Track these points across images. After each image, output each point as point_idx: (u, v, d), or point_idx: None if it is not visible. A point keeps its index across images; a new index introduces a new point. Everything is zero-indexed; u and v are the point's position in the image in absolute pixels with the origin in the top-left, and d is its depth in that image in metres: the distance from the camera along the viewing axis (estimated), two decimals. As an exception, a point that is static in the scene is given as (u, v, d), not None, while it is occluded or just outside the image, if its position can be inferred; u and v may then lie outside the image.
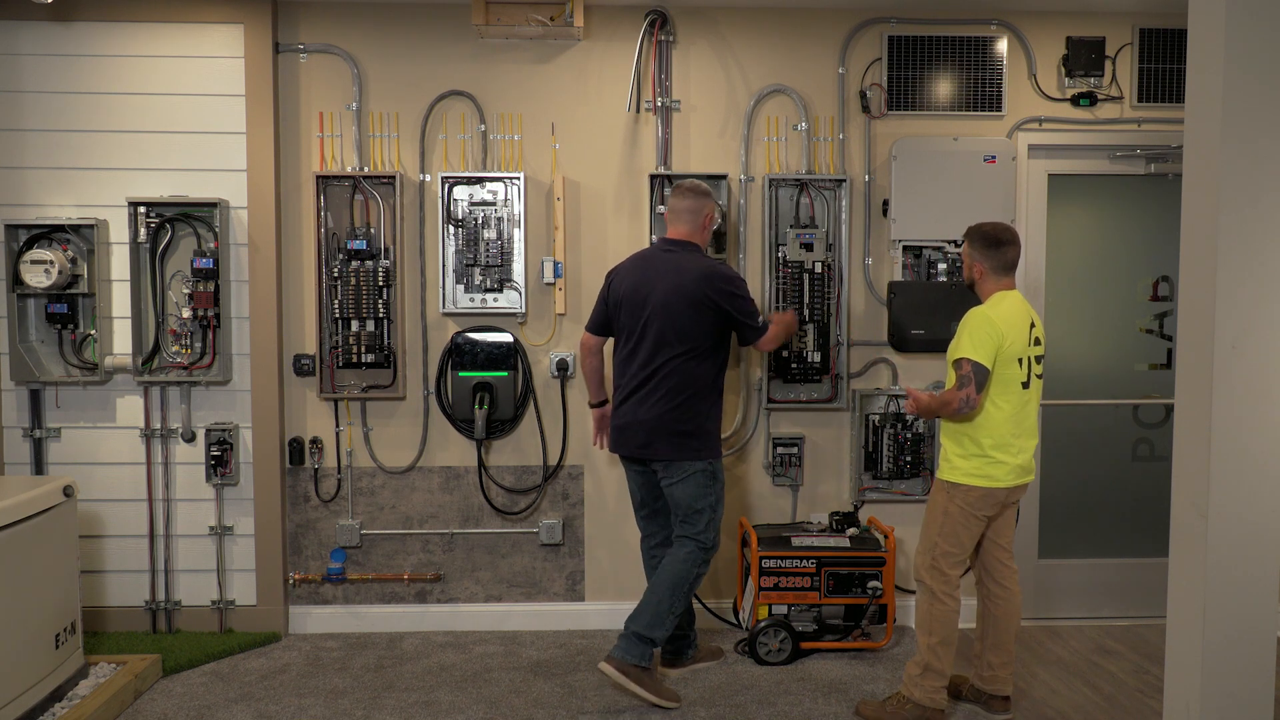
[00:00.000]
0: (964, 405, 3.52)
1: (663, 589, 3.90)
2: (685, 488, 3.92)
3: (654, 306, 3.90)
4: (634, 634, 3.86)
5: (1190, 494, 2.62)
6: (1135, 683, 4.22)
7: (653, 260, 4.02)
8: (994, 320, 3.55)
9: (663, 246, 4.06)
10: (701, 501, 3.94)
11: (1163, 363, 4.98)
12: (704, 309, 3.88)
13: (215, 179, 4.56)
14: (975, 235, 3.73)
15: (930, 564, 3.70)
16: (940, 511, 3.69)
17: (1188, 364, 2.64)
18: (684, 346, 3.88)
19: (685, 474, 3.92)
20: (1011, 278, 3.72)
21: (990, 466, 3.60)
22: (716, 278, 3.92)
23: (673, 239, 4.05)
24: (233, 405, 4.65)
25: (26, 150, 4.52)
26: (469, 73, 4.66)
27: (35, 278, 4.37)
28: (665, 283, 3.90)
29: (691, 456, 3.91)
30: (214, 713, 3.88)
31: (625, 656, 3.84)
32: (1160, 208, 4.94)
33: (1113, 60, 4.78)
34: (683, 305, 3.87)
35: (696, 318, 3.88)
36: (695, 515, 3.94)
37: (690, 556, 3.94)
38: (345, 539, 4.72)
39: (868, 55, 4.74)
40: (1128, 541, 5.03)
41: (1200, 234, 2.57)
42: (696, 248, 4.05)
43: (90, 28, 4.51)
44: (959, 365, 3.55)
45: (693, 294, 3.87)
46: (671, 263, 3.96)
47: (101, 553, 4.66)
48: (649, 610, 3.88)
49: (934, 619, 3.68)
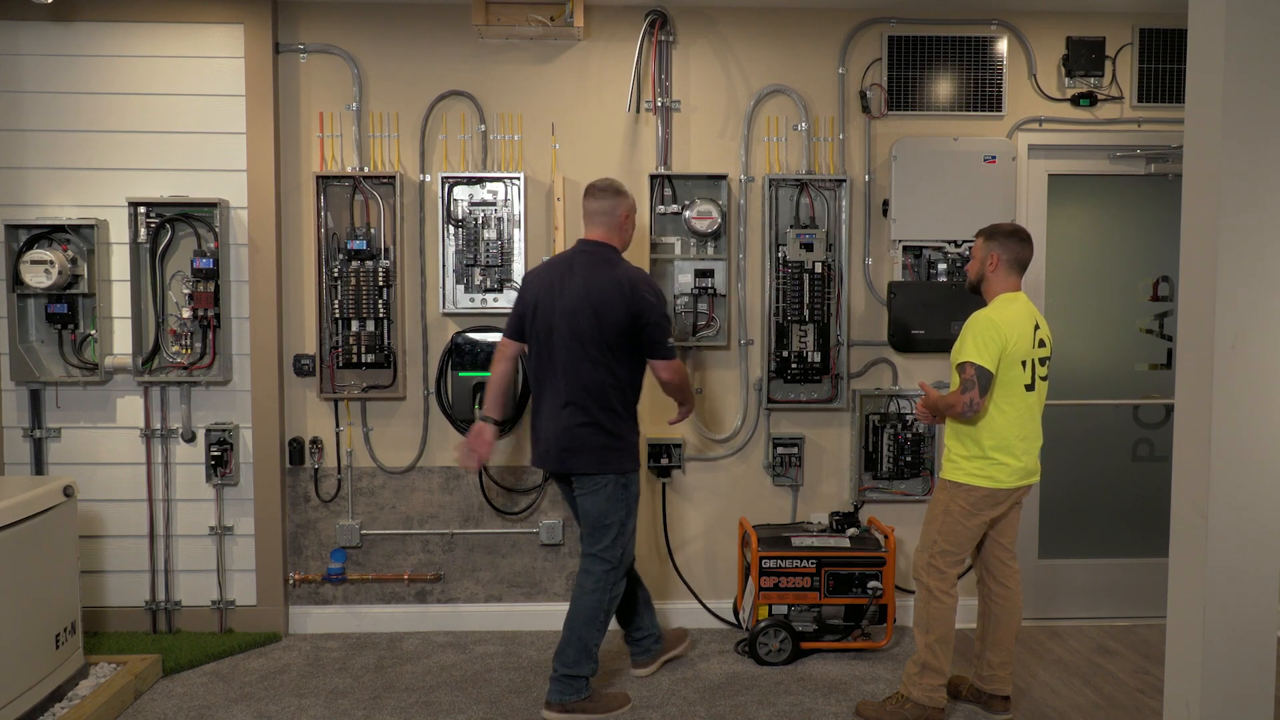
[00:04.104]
0: (968, 409, 3.52)
1: (579, 625, 3.80)
2: (596, 500, 3.79)
3: (566, 310, 3.73)
4: (564, 676, 3.80)
5: (1190, 494, 2.62)
6: (1135, 683, 4.22)
7: (567, 263, 3.84)
8: (997, 323, 3.54)
9: (578, 249, 3.88)
10: (611, 516, 3.80)
11: (1163, 363, 4.98)
12: (615, 311, 3.70)
13: (215, 179, 4.56)
14: (994, 230, 3.73)
15: (928, 562, 3.71)
16: (941, 510, 3.70)
17: (1188, 364, 2.64)
18: (595, 352, 3.71)
19: (597, 486, 3.78)
20: (1020, 279, 3.72)
21: (993, 468, 3.60)
22: (636, 282, 3.76)
23: (589, 240, 3.88)
24: (233, 405, 4.65)
25: (27, 150, 4.52)
26: (469, 73, 4.66)
27: (35, 278, 4.37)
28: (578, 286, 3.74)
29: (606, 469, 3.76)
30: (214, 713, 3.88)
31: (564, 698, 3.81)
32: (1160, 208, 4.94)
33: (1113, 60, 4.78)
34: (596, 308, 3.70)
35: (610, 322, 3.70)
36: (603, 530, 3.80)
37: (599, 584, 3.81)
38: (345, 539, 4.72)
39: (868, 55, 4.74)
40: (1128, 541, 5.03)
41: (1200, 234, 2.57)
42: (614, 250, 3.87)
43: (90, 28, 4.51)
44: (962, 369, 3.55)
45: (606, 297, 3.70)
46: (585, 266, 3.79)
47: (102, 553, 4.66)
48: (572, 648, 3.81)
49: (931, 617, 3.69)
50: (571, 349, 3.73)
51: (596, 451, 3.76)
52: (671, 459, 4.72)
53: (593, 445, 3.75)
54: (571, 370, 3.74)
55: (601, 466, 3.77)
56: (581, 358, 3.72)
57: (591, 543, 3.84)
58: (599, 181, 3.91)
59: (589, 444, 3.75)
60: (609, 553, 3.82)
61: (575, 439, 3.75)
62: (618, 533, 3.83)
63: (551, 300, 3.77)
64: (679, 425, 4.56)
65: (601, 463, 3.76)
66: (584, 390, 3.73)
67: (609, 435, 3.77)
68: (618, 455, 3.79)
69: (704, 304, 4.66)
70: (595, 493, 3.79)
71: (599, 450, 3.76)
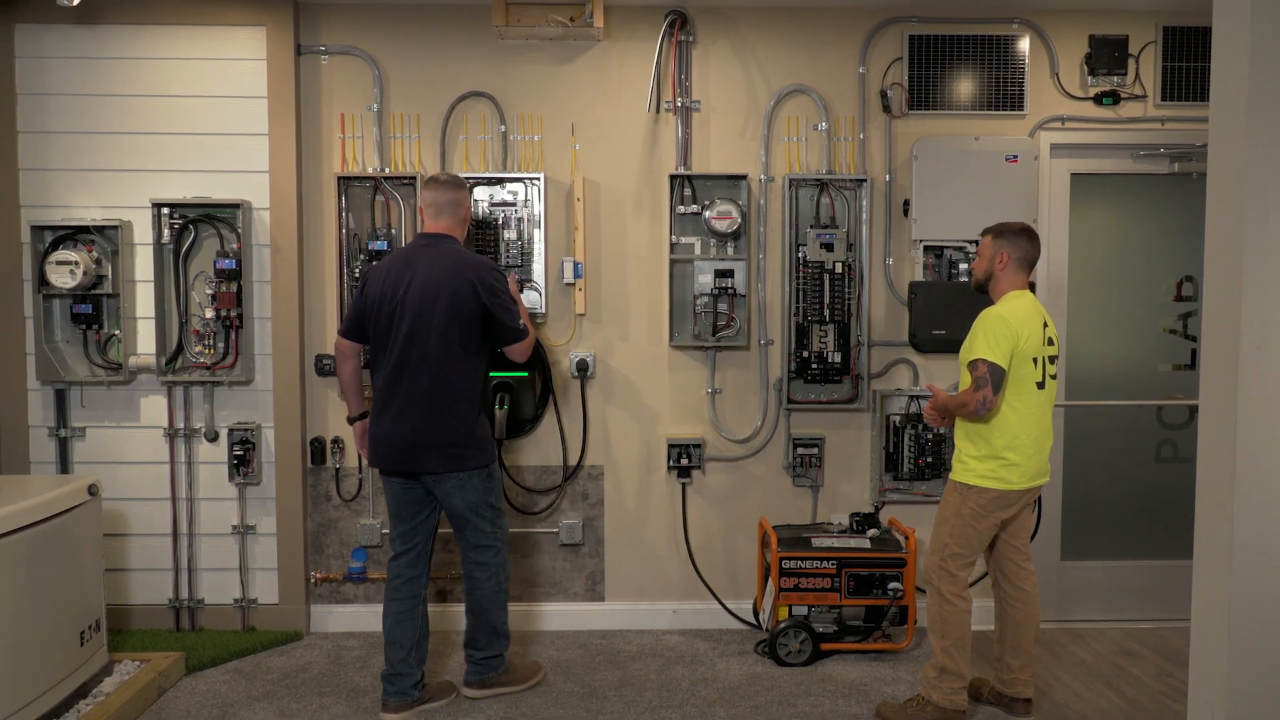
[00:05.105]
0: (980, 407, 3.49)
1: (485, 611, 3.92)
2: (465, 495, 3.77)
3: (410, 304, 3.66)
4: (481, 660, 3.95)
5: (1215, 496, 2.60)
6: (1158, 686, 4.19)
7: (408, 257, 3.77)
8: (1008, 319, 3.52)
9: (420, 242, 3.82)
10: (483, 505, 3.83)
11: (1186, 363, 4.94)
12: (463, 301, 3.66)
13: (238, 180, 4.59)
14: (1003, 229, 3.71)
15: (939, 565, 3.69)
16: (952, 513, 3.68)
17: (1212, 365, 2.61)
18: (442, 347, 3.66)
19: (462, 483, 3.76)
20: (1027, 277, 3.70)
21: (1004, 469, 3.58)
22: (478, 267, 3.74)
23: (431, 233, 3.82)
24: (255, 405, 4.68)
25: (52, 152, 4.57)
26: (489, 74, 4.68)
27: (61, 278, 4.41)
28: (421, 278, 3.68)
29: (469, 465, 3.75)
30: (236, 710, 3.91)
31: (483, 676, 3.97)
32: (1184, 207, 4.90)
33: (1136, 59, 4.75)
34: (440, 299, 3.65)
35: (455, 312, 3.66)
36: (480, 520, 3.83)
37: (495, 571, 3.91)
38: (366, 538, 4.74)
39: (888, 55, 4.72)
40: (1151, 543, 4.99)
41: (1225, 233, 2.55)
42: (457, 241, 3.83)
43: (115, 31, 4.55)
44: (974, 366, 3.53)
45: (451, 286, 3.65)
46: (428, 257, 3.73)
47: (125, 551, 4.70)
48: (482, 634, 3.94)
49: (945, 621, 3.67)
50: (424, 347, 3.67)
51: (455, 451, 3.73)
52: (691, 459, 4.72)
53: (449, 443, 3.71)
54: (425, 368, 3.68)
55: (464, 464, 3.75)
56: (436, 355, 3.67)
57: (471, 535, 3.87)
58: (439, 174, 3.87)
59: (445, 442, 3.71)
60: (492, 537, 3.89)
61: (430, 439, 3.70)
62: (494, 516, 3.88)
63: (396, 295, 3.70)
64: (698, 425, 4.59)
65: (458, 460, 3.74)
66: (440, 388, 3.69)
67: (463, 433, 3.74)
68: (479, 451, 3.79)
69: (724, 304, 4.65)
70: (463, 488, 3.77)
71: (456, 449, 3.73)
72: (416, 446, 3.70)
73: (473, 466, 3.77)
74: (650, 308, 4.74)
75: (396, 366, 3.71)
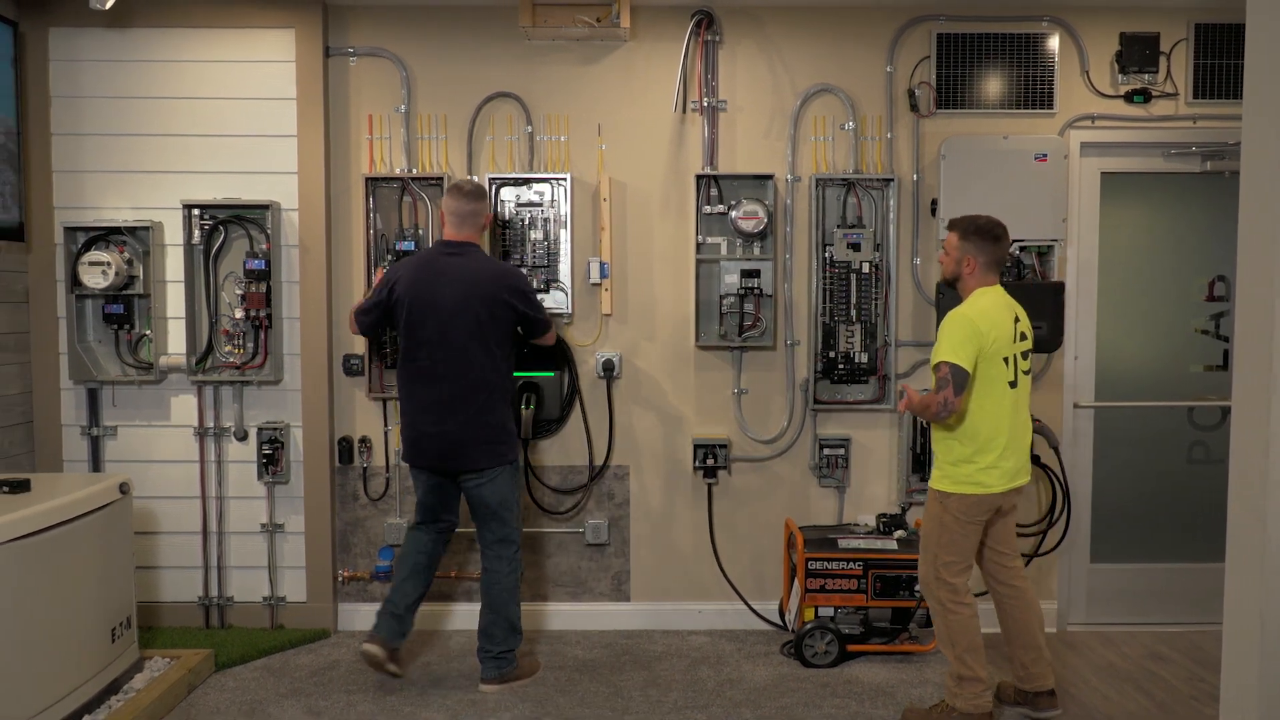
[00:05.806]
0: (942, 409, 3.46)
1: (502, 606, 4.05)
2: (495, 488, 3.99)
3: (445, 310, 3.89)
4: (497, 655, 4.05)
5: (1247, 498, 2.57)
6: (1189, 690, 4.14)
7: (439, 264, 3.97)
8: (973, 319, 3.49)
9: (446, 250, 4.01)
10: (510, 497, 4.04)
11: (1219, 364, 4.88)
12: (500, 308, 3.93)
13: (267, 181, 4.63)
14: (969, 228, 3.64)
15: (935, 576, 3.66)
16: (936, 523, 3.65)
17: (1245, 365, 2.58)
18: (483, 351, 3.91)
19: (495, 477, 3.99)
20: (998, 276, 3.66)
21: (980, 473, 3.55)
22: (509, 274, 4.08)
23: (458, 241, 4.01)
24: (284, 405, 4.72)
25: (85, 154, 4.62)
26: (516, 74, 4.69)
27: (93, 279, 4.46)
28: (458, 287, 3.90)
29: (502, 461, 3.99)
30: (265, 707, 3.94)
31: (500, 671, 4.09)
32: (1216, 206, 4.84)
33: (1167, 56, 4.70)
34: (478, 307, 3.89)
35: (493, 317, 3.92)
36: (506, 512, 4.03)
37: (513, 566, 4.08)
38: (393, 537, 4.77)
39: (916, 53, 4.69)
40: (1182, 546, 4.94)
41: (1258, 232, 2.52)
42: (479, 248, 4.07)
43: (146, 34, 4.59)
44: (937, 369, 3.50)
45: (490, 295, 3.91)
46: (461, 266, 3.95)
47: (156, 549, 4.74)
48: (499, 629, 4.07)
49: (951, 630, 3.64)
50: (462, 349, 3.90)
51: (493, 447, 3.97)
52: (717, 460, 4.71)
53: (488, 440, 3.96)
54: (461, 370, 3.91)
55: (498, 459, 3.98)
56: (473, 357, 3.91)
57: (496, 529, 4.06)
58: (464, 184, 4.04)
59: (484, 439, 3.95)
60: (514, 532, 4.08)
61: (471, 435, 3.93)
62: (517, 510, 4.13)
63: (430, 301, 3.90)
64: (724, 426, 4.61)
65: (497, 456, 3.98)
66: (475, 388, 3.92)
67: (501, 429, 3.99)
68: (508, 447, 4.03)
69: (750, 304, 4.64)
70: (494, 482, 3.99)
71: (494, 445, 3.98)
72: (463, 444, 3.94)
73: (508, 461, 4.02)
74: (676, 308, 4.74)
75: (436, 369, 3.92)
